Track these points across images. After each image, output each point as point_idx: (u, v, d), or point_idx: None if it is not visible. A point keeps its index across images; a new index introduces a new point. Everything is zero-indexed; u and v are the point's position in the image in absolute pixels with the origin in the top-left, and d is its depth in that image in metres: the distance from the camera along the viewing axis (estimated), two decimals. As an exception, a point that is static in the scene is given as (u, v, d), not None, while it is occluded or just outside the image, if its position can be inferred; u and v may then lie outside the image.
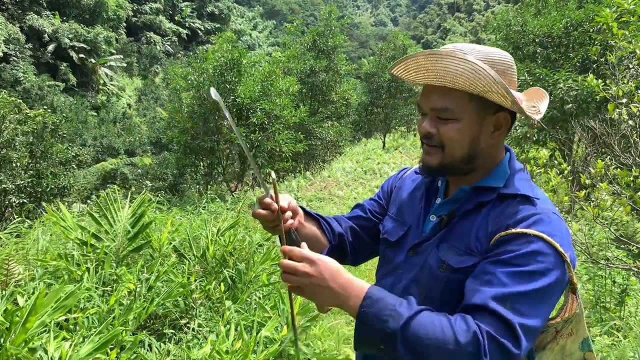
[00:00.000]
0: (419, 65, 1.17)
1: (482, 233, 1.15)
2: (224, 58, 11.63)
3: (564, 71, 8.14)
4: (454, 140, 1.17)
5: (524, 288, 1.01)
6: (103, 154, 29.58)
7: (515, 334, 0.97)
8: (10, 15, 39.38)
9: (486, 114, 1.17)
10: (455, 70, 1.10)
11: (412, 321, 0.98)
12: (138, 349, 3.04)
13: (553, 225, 1.09)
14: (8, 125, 10.53)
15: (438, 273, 1.19)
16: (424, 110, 1.21)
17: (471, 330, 0.96)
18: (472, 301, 1.03)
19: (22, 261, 3.75)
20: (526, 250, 1.04)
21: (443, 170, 1.22)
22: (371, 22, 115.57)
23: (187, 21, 63.11)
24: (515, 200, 1.15)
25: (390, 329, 0.98)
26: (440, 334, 0.96)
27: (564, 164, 4.09)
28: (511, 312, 0.99)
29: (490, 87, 1.09)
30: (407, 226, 1.34)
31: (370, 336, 1.01)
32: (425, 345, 0.96)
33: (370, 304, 1.01)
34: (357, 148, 22.13)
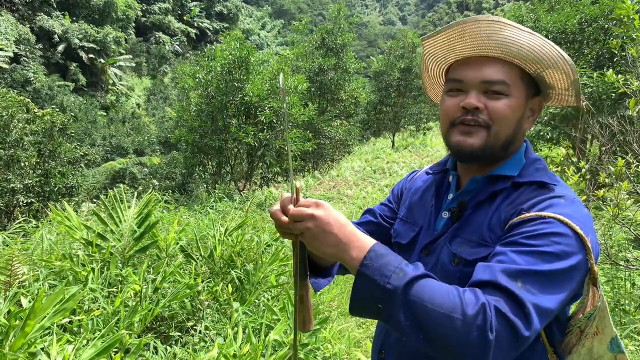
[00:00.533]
0: (479, 30, 1.05)
1: (496, 222, 1.08)
2: (232, 56, 11.56)
3: (578, 68, 7.98)
4: (504, 117, 1.07)
5: (537, 267, 0.92)
6: (112, 154, 29.70)
7: (525, 312, 0.87)
8: (20, 16, 39.67)
9: (529, 95, 1.12)
10: (522, 42, 1.02)
11: (417, 282, 0.88)
12: (143, 352, 2.96)
13: (572, 207, 1.01)
14: (17, 124, 10.54)
15: (451, 268, 1.11)
16: (467, 84, 1.10)
17: (480, 302, 0.86)
18: (479, 277, 0.93)
19: (26, 261, 3.69)
20: (542, 231, 0.96)
21: (485, 153, 1.10)
22: (379, 21, 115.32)
23: (195, 21, 63.31)
24: (531, 187, 1.09)
25: (392, 285, 0.88)
26: (447, 300, 0.86)
27: (582, 162, 3.95)
28: (523, 289, 0.89)
29: (556, 63, 1.03)
30: (418, 227, 1.27)
31: (369, 293, 0.90)
32: (427, 310, 0.85)
33: (374, 257, 0.92)
34: (366, 147, 22.02)
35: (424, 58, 1.25)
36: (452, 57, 1.16)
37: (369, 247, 0.94)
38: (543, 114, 8.16)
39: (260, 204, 10.34)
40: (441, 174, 1.30)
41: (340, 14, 19.55)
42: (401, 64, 21.26)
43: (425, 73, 1.30)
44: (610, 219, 4.99)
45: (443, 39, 1.14)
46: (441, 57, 1.19)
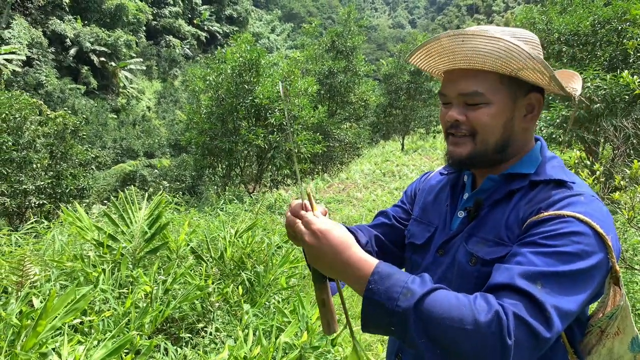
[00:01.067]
0: (443, 49, 1.09)
1: (513, 220, 1.06)
2: (242, 58, 11.59)
3: (591, 70, 7.89)
4: (486, 125, 1.09)
5: (557, 268, 0.90)
6: (122, 156, 29.90)
7: (545, 315, 0.85)
8: (33, 20, 40.13)
9: (518, 95, 1.11)
10: (485, 50, 1.02)
11: (426, 299, 0.86)
12: (154, 354, 2.95)
13: (591, 205, 0.99)
14: (29, 126, 10.64)
15: (468, 268, 1.10)
16: (449, 98, 1.14)
17: (493, 309, 0.84)
18: (497, 280, 0.91)
19: (38, 262, 3.70)
20: (561, 230, 0.94)
21: (474, 161, 1.13)
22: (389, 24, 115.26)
23: (205, 24, 63.69)
24: (549, 186, 1.07)
25: (401, 307, 0.86)
26: (457, 312, 0.84)
27: (596, 165, 3.90)
28: (543, 292, 0.87)
29: (525, 64, 1.02)
30: (433, 227, 1.26)
31: (379, 316, 0.89)
32: (440, 325, 0.84)
33: (378, 280, 0.90)
34: (376, 150, 21.97)
35: None
36: (434, 71, 1.21)
37: (371, 270, 0.92)
38: (555, 117, 8.08)
39: (270, 206, 10.34)
40: (455, 174, 1.30)
41: (350, 17, 19.55)
42: (411, 67, 21.21)
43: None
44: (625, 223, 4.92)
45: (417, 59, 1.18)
46: (428, 70, 1.23)
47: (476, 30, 1.02)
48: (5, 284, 3.30)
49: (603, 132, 7.40)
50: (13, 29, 36.26)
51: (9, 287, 3.29)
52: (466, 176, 1.26)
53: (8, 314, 2.62)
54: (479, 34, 1.02)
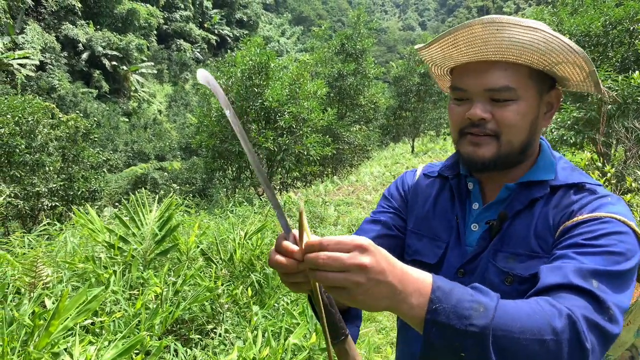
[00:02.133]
0: (474, 37, 0.96)
1: (542, 229, 0.99)
2: (252, 62, 11.65)
3: (602, 71, 7.82)
4: (515, 125, 0.99)
5: (609, 268, 0.85)
6: (134, 159, 30.16)
7: (609, 313, 0.79)
8: (46, 25, 40.65)
9: (543, 91, 1.03)
10: (522, 40, 0.93)
11: (498, 311, 0.73)
12: (164, 354, 2.97)
13: (621, 206, 0.96)
14: (42, 129, 10.77)
15: (503, 287, 0.99)
16: (470, 93, 1.01)
17: (563, 313, 0.75)
18: (549, 281, 0.83)
19: (50, 263, 3.75)
20: (603, 230, 0.90)
21: (497, 164, 1.02)
22: (399, 26, 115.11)
23: (216, 28, 64.06)
24: (571, 190, 1.02)
25: (477, 326, 0.70)
26: (533, 322, 0.73)
27: (607, 167, 3.87)
28: (600, 290, 0.81)
29: (565, 58, 0.94)
30: (444, 243, 1.13)
31: (447, 342, 0.72)
32: (518, 340, 0.72)
33: (442, 297, 0.72)
34: (386, 152, 21.94)
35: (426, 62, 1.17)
36: (451, 63, 1.08)
37: (430, 287, 0.73)
38: (566, 118, 8.02)
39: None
40: (455, 179, 1.17)
41: (360, 19, 19.55)
42: (421, 69, 21.17)
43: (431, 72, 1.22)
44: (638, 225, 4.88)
45: (436, 49, 1.05)
46: (440, 63, 1.12)
47: (510, 19, 0.92)
48: (18, 285, 3.34)
49: (615, 133, 7.33)
50: (27, 34, 36.75)
51: (22, 288, 3.33)
52: (471, 184, 1.13)
53: (21, 314, 2.66)
54: (514, 22, 0.92)
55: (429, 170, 1.27)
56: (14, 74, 33.29)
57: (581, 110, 7.98)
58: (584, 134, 8.08)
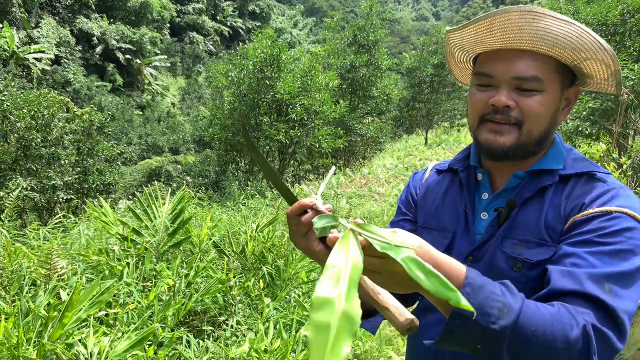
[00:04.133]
0: (510, 23, 0.97)
1: (552, 218, 1.00)
2: (263, 54, 11.65)
3: (619, 60, 7.69)
4: (537, 115, 1.00)
5: (619, 268, 0.86)
6: (148, 152, 30.40)
7: (617, 322, 0.81)
8: (61, 19, 40.97)
9: (564, 86, 1.04)
10: (556, 32, 0.94)
11: (521, 314, 0.77)
12: (177, 346, 3.01)
13: (633, 199, 0.97)
14: (57, 123, 10.90)
15: (512, 273, 1.01)
16: (496, 79, 1.02)
17: (580, 324, 0.78)
18: (562, 286, 0.85)
19: (65, 256, 3.80)
20: (612, 228, 0.90)
21: (515, 153, 1.04)
22: (412, 17, 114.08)
23: (228, 20, 64.07)
24: (582, 180, 1.03)
25: (499, 325, 0.75)
26: (549, 329, 0.77)
27: (623, 158, 3.81)
28: (611, 295, 0.83)
29: (595, 55, 0.95)
30: (450, 232, 1.15)
31: (467, 334, 0.77)
32: (532, 343, 0.76)
33: (471, 292, 0.76)
34: (398, 144, 21.83)
35: (449, 47, 1.17)
36: (480, 49, 1.09)
37: (462, 279, 0.77)
38: (582, 109, 7.90)
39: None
40: (465, 171, 1.19)
41: (372, 10, 19.41)
42: (434, 60, 20.98)
43: (452, 59, 1.22)
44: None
45: (470, 32, 1.06)
46: (468, 48, 1.12)
47: (546, 11, 0.94)
48: (34, 277, 3.40)
49: (632, 124, 7.21)
50: (42, 28, 37.09)
51: (37, 280, 3.39)
52: (480, 174, 1.15)
53: (37, 306, 2.71)
54: (550, 14, 0.94)
55: (440, 166, 1.30)
56: (30, 68, 33.66)
57: (597, 101, 7.85)
58: (599, 124, 7.96)
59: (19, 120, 10.37)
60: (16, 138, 10.31)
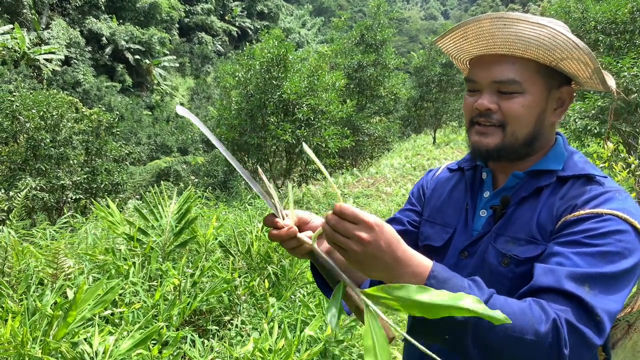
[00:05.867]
0: (482, 31, 1.02)
1: (545, 218, 1.02)
2: (270, 54, 11.66)
3: (628, 58, 7.61)
4: (519, 117, 1.03)
5: (603, 270, 0.87)
6: (157, 152, 30.55)
7: (596, 319, 0.83)
8: (71, 20, 41.28)
9: (552, 87, 1.06)
10: (528, 36, 0.97)
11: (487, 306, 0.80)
12: (182, 345, 3.02)
13: (627, 202, 0.97)
14: (66, 123, 10.99)
15: (500, 269, 1.04)
16: (480, 84, 1.07)
17: (550, 317, 0.81)
18: (542, 283, 0.88)
19: (72, 255, 3.83)
20: (601, 230, 0.91)
21: (501, 154, 1.07)
22: (421, 16, 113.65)
23: (237, 20, 64.22)
24: (579, 181, 1.04)
25: (462, 317, 0.79)
26: (517, 321, 0.80)
27: (631, 158, 3.77)
28: (591, 294, 0.84)
29: (570, 54, 0.97)
30: (451, 228, 1.19)
31: (432, 325, 0.82)
32: (498, 335, 0.80)
33: (435, 284, 0.81)
34: (406, 144, 21.77)
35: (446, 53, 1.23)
36: (464, 56, 1.15)
37: (427, 273, 0.83)
38: (591, 108, 7.83)
39: (297, 200, 10.40)
40: (471, 170, 1.24)
41: (380, 9, 19.36)
42: (443, 59, 20.89)
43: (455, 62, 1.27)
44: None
45: (449, 41, 1.12)
46: (455, 55, 1.18)
47: (519, 15, 0.98)
48: (41, 276, 3.43)
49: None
50: (52, 30, 37.40)
51: (45, 279, 3.43)
52: (485, 173, 1.19)
53: (43, 304, 2.74)
54: (522, 19, 0.97)
55: (452, 165, 1.35)
56: (40, 69, 33.97)
57: (606, 100, 7.78)
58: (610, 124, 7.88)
59: (29, 121, 10.48)
60: (25, 138, 10.42)
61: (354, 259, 0.83)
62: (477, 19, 1.01)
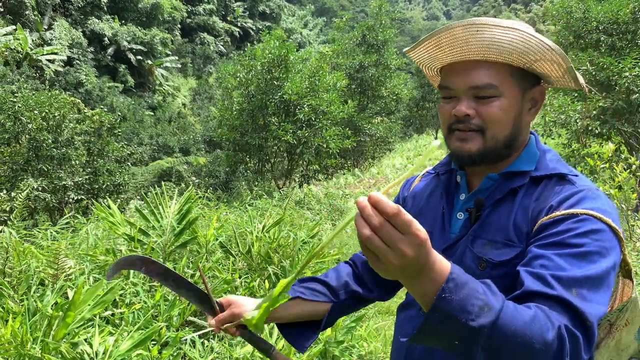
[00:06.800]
0: (455, 39, 1.03)
1: (521, 220, 1.03)
2: (271, 55, 11.67)
3: (630, 59, 7.59)
4: (498, 120, 1.05)
5: (587, 272, 0.88)
6: (159, 152, 30.58)
7: (586, 325, 0.83)
8: (73, 21, 41.37)
9: (526, 88, 1.08)
10: (501, 40, 0.99)
11: (501, 314, 0.78)
12: (182, 346, 3.03)
13: (600, 200, 0.99)
14: (68, 124, 11.01)
15: (477, 272, 1.04)
16: (457, 91, 1.08)
17: (556, 325, 0.81)
18: (530, 287, 0.88)
19: (73, 256, 3.84)
20: (579, 230, 0.93)
21: (483, 158, 1.08)
22: (423, 16, 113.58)
23: (239, 21, 64.28)
24: (552, 181, 1.06)
25: (478, 323, 0.76)
26: (527, 329, 0.78)
27: (632, 159, 3.77)
28: (579, 298, 0.85)
29: (543, 55, 1.00)
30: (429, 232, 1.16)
31: (444, 329, 0.77)
32: (509, 342, 0.78)
33: (454, 288, 0.76)
34: (408, 144, 21.77)
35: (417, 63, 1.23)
36: (437, 64, 1.15)
37: (446, 275, 0.77)
38: (592, 108, 7.82)
39: (299, 201, 10.40)
40: (447, 174, 1.25)
41: (382, 10, 19.37)
42: (444, 59, 20.86)
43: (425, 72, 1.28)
44: None
45: (422, 50, 1.13)
46: (428, 64, 1.18)
47: (488, 20, 1.00)
48: (42, 276, 3.44)
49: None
50: (54, 30, 37.49)
51: (45, 280, 3.44)
52: (459, 176, 1.20)
53: (44, 305, 2.74)
54: (492, 24, 0.99)
55: (430, 171, 1.36)
56: (43, 70, 34.04)
57: (607, 100, 7.77)
58: (610, 124, 7.87)
59: (31, 122, 10.50)
60: (28, 139, 10.45)
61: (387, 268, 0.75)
62: (449, 27, 1.02)
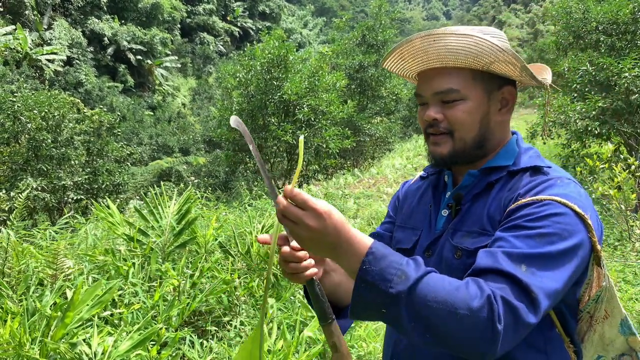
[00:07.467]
0: (415, 50, 1.11)
1: (494, 209, 1.09)
2: (271, 55, 11.67)
3: (629, 59, 7.59)
4: (463, 122, 1.11)
5: (540, 250, 0.93)
6: (158, 152, 30.56)
7: (531, 297, 0.87)
8: (73, 21, 41.34)
9: (492, 90, 1.14)
10: (456, 47, 1.05)
11: (420, 283, 0.86)
12: (181, 346, 3.03)
13: (567, 187, 1.03)
14: (67, 124, 11.00)
15: (454, 262, 1.10)
16: (425, 98, 1.16)
17: (485, 293, 0.85)
18: (482, 265, 0.94)
19: (72, 256, 3.84)
20: (541, 213, 0.97)
21: (455, 159, 1.15)
22: (423, 16, 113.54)
23: (238, 21, 64.24)
24: (526, 174, 1.11)
25: (395, 289, 0.86)
26: (451, 297, 0.85)
27: (631, 159, 3.77)
28: (528, 273, 0.89)
29: (496, 57, 1.05)
30: (419, 230, 1.26)
31: (371, 298, 0.88)
32: (432, 309, 0.85)
33: (373, 260, 0.89)
34: (408, 144, 21.75)
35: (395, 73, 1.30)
36: (407, 73, 1.23)
37: (366, 250, 0.90)
38: (591, 109, 7.82)
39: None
40: (436, 175, 1.31)
41: (381, 10, 19.38)
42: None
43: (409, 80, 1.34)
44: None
45: (391, 63, 1.20)
46: (404, 73, 1.26)
47: (446, 30, 1.06)
48: (41, 276, 3.44)
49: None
50: (54, 30, 37.46)
51: (44, 280, 3.43)
52: (447, 176, 1.26)
53: (43, 305, 2.74)
54: (449, 32, 1.05)
55: (423, 173, 1.41)
56: (42, 70, 34.02)
57: (607, 100, 7.76)
58: (610, 124, 7.87)
59: (30, 121, 10.49)
60: (27, 139, 10.44)
61: (300, 241, 0.93)
62: (409, 39, 1.09)
